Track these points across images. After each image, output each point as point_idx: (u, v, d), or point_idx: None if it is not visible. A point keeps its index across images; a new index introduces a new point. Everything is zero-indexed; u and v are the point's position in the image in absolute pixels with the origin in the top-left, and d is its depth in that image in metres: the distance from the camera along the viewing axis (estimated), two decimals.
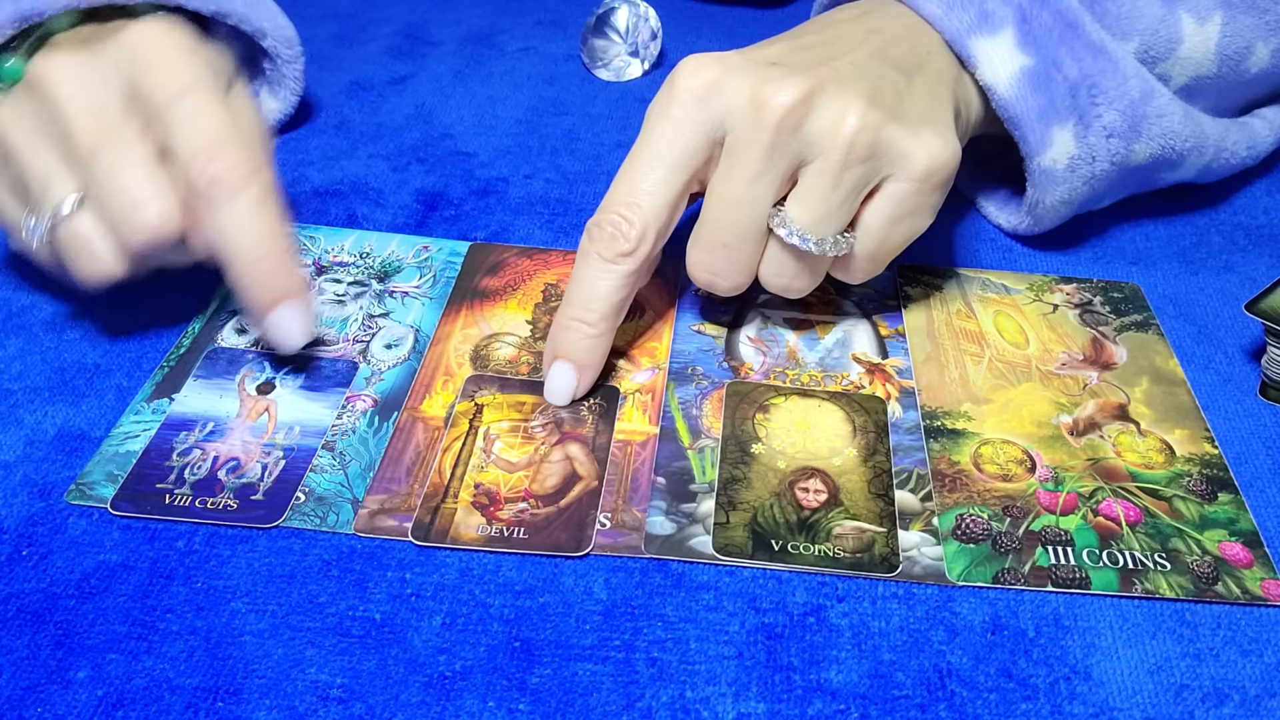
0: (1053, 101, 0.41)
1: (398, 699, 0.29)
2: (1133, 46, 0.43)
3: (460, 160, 0.53)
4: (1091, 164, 0.43)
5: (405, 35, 0.65)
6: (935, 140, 0.36)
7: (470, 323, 0.42)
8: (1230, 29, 0.44)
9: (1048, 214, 0.45)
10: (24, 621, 0.31)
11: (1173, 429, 0.38)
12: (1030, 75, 0.41)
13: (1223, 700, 0.30)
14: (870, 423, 0.38)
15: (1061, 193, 0.43)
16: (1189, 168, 0.46)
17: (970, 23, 0.41)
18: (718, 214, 0.37)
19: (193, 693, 0.29)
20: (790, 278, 0.38)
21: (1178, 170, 0.46)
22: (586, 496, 0.35)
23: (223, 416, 0.37)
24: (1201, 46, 0.44)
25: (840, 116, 0.35)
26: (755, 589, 0.32)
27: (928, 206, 0.37)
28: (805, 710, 0.29)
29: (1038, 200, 0.44)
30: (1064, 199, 0.44)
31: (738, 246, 0.37)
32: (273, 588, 0.32)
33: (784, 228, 0.36)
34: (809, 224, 0.36)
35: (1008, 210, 0.48)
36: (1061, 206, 0.45)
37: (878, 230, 0.37)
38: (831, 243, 0.37)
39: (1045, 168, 0.42)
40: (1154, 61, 0.43)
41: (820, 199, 0.36)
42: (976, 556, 0.33)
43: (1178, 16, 0.43)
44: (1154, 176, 0.46)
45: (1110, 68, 0.41)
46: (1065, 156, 0.42)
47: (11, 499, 0.34)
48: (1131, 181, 0.46)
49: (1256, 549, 0.34)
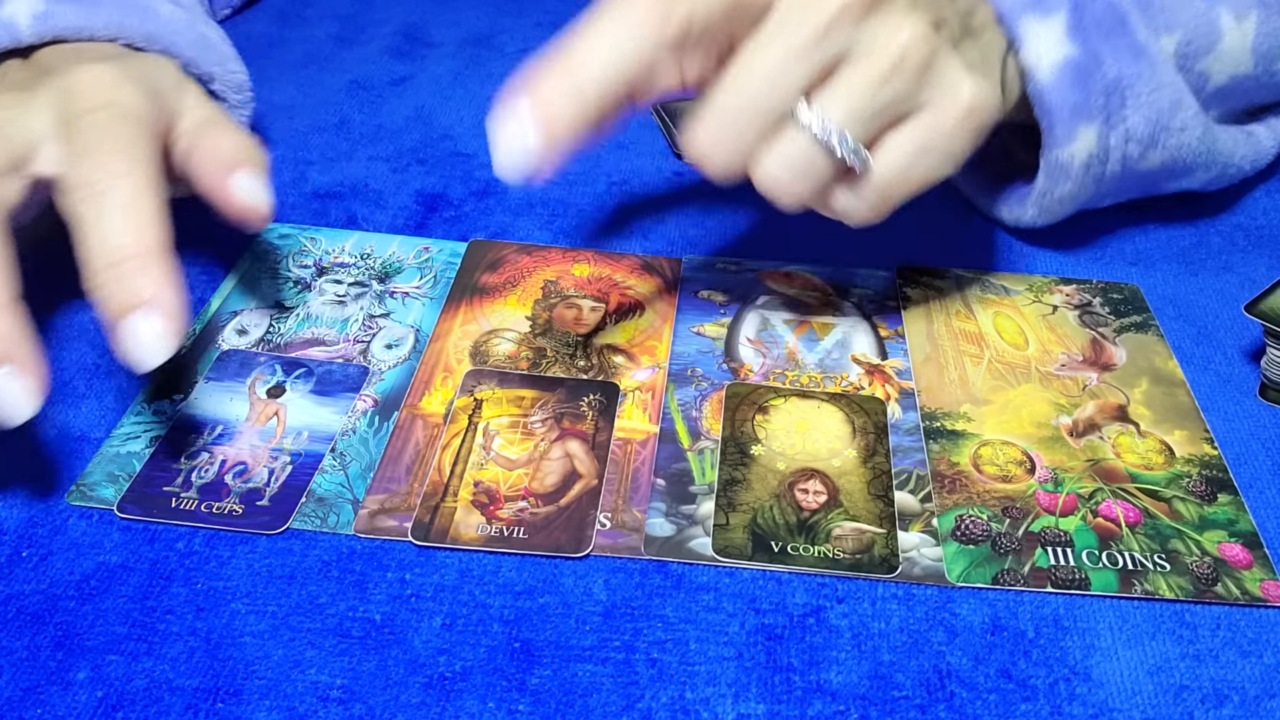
0: (1087, 99, 0.41)
1: (397, 700, 0.29)
2: (1175, 39, 0.42)
3: (460, 161, 0.53)
4: (1104, 165, 0.43)
5: (405, 36, 0.65)
6: (985, 83, 0.35)
7: (470, 319, 0.42)
8: (1265, 28, 0.44)
9: (1053, 208, 0.45)
10: (24, 623, 0.31)
11: (1172, 430, 0.38)
12: (1073, 67, 0.40)
13: (1222, 701, 0.30)
14: (870, 424, 0.38)
15: (1070, 188, 0.43)
16: (1194, 179, 0.46)
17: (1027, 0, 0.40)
18: (743, 84, 0.33)
19: (193, 694, 0.29)
20: (792, 179, 0.34)
21: (1182, 180, 0.46)
22: (586, 496, 0.35)
23: (232, 420, 0.37)
24: (1239, 44, 0.44)
25: (901, 25, 0.33)
26: (755, 590, 0.32)
27: (957, 149, 0.35)
28: (805, 711, 0.29)
29: (1046, 191, 0.44)
30: (1071, 194, 0.44)
31: (751, 124, 0.33)
32: (273, 589, 0.32)
33: (811, 115, 0.33)
34: (839, 118, 0.33)
35: (1010, 202, 0.47)
36: (1068, 201, 0.44)
37: (902, 159, 0.35)
38: (853, 148, 0.34)
39: (1062, 162, 0.42)
40: (1195, 56, 0.43)
41: (858, 94, 0.33)
42: (976, 557, 0.33)
43: (1217, 13, 0.43)
44: (1159, 184, 0.46)
45: (1148, 73, 0.41)
46: (1084, 153, 0.42)
47: (11, 500, 0.34)
48: (1136, 186, 0.46)
49: (1256, 550, 0.34)
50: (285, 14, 0.68)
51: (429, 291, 0.44)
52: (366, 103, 0.57)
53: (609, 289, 0.44)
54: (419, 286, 0.44)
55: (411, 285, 0.44)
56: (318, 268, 0.45)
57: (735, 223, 0.49)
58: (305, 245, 0.46)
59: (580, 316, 0.42)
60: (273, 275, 0.44)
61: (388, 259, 0.45)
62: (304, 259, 0.45)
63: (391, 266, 0.45)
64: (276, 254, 0.45)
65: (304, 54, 0.63)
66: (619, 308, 0.43)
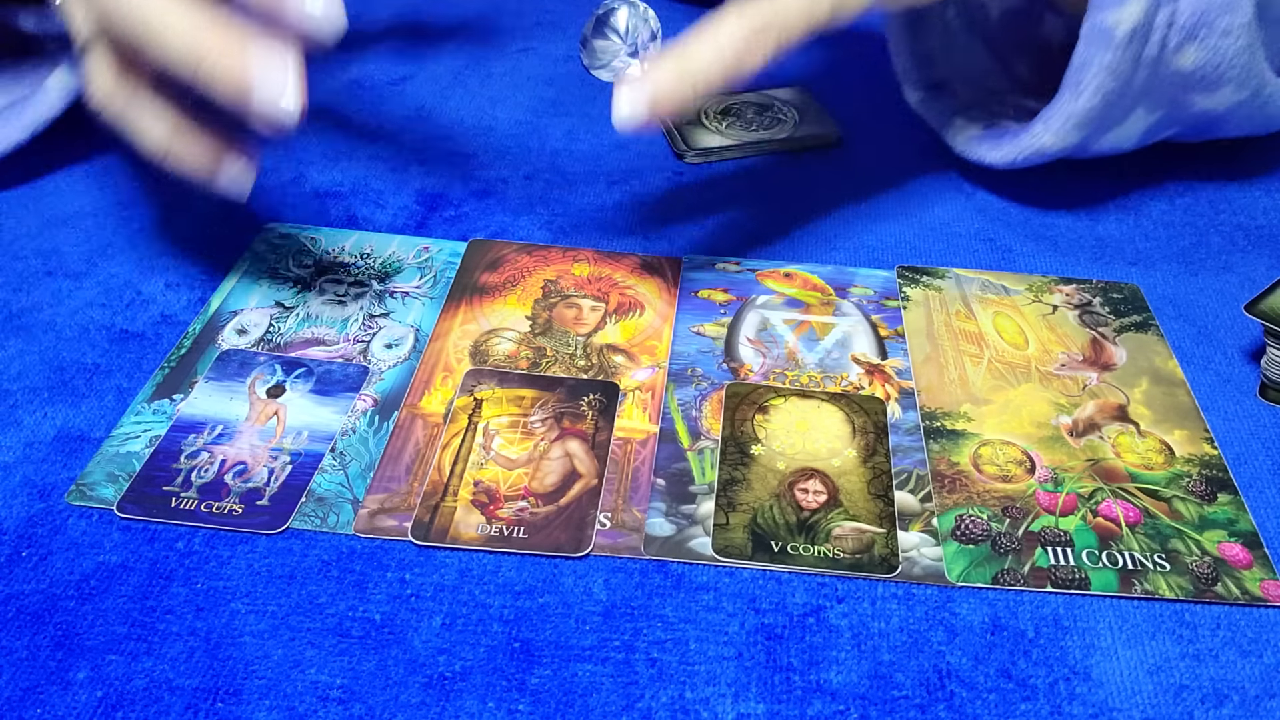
0: None
1: (397, 699, 0.29)
2: None
3: (460, 161, 0.53)
4: (1144, 44, 0.41)
5: (405, 36, 0.65)
6: None
7: (470, 318, 0.42)
8: None
9: (1078, 113, 0.43)
10: (24, 622, 0.31)
11: (1172, 430, 0.38)
12: None
13: (1222, 701, 0.30)
14: (870, 423, 0.38)
15: (1111, 58, 0.41)
16: (1223, 98, 0.44)
17: None
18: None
19: (192, 693, 0.29)
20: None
21: (1211, 96, 0.44)
22: (586, 495, 0.35)
23: (232, 419, 0.37)
24: None
25: None
26: (755, 590, 0.32)
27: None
28: (805, 711, 0.29)
29: (1082, 66, 0.42)
30: (1108, 68, 0.41)
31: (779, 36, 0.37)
32: (272, 588, 0.32)
33: None
34: None
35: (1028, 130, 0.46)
36: (1096, 94, 0.42)
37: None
38: None
39: (1107, 27, 0.41)
40: None
41: None
42: (976, 557, 0.33)
43: None
44: (1185, 91, 0.44)
45: None
46: (1130, 22, 0.40)
47: (11, 500, 0.34)
48: (1162, 88, 0.44)
49: (1256, 550, 0.34)
50: None
51: (429, 291, 0.44)
52: (366, 103, 0.57)
53: (609, 289, 0.44)
54: (419, 286, 0.44)
55: (411, 285, 0.44)
56: (318, 267, 0.45)
57: (735, 223, 0.49)
58: (305, 245, 0.46)
59: (580, 316, 0.42)
60: (273, 275, 0.44)
61: (388, 259, 0.45)
62: (304, 259, 0.45)
63: (391, 266, 0.45)
64: (276, 254, 0.45)
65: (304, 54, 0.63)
66: (619, 308, 0.43)
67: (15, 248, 0.45)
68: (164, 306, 0.42)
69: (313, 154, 0.53)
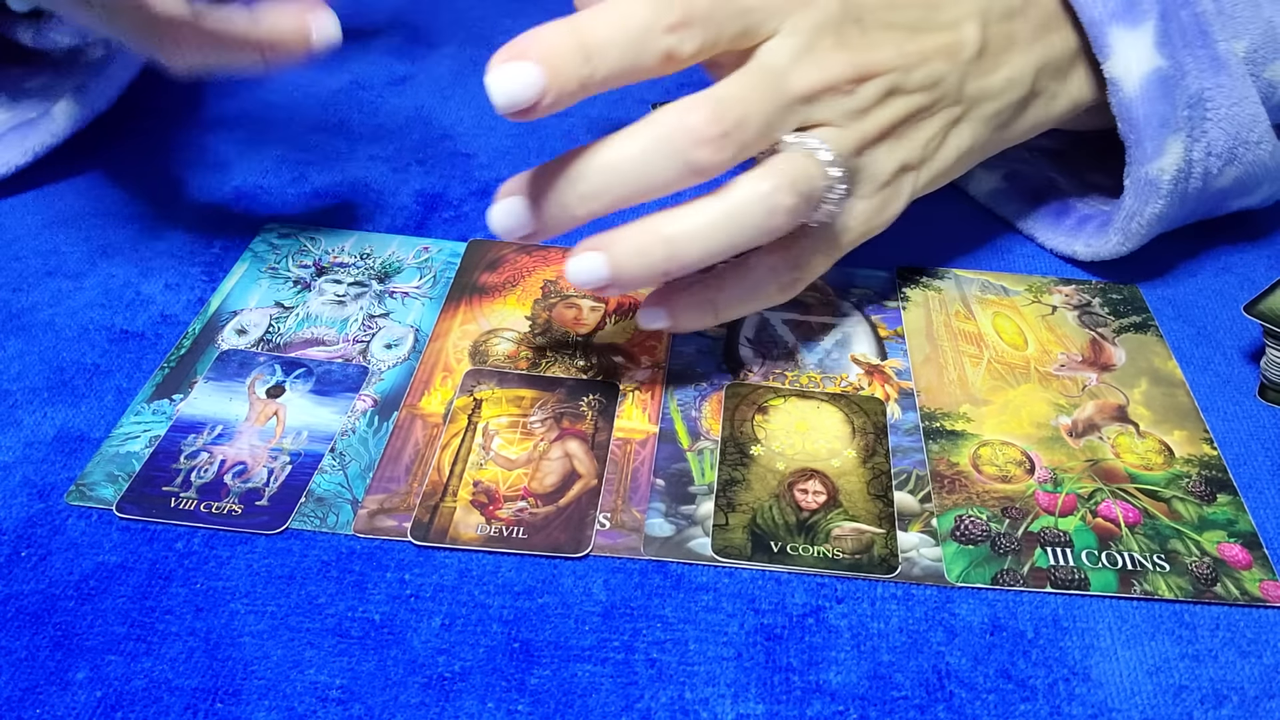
0: (1174, 111, 0.40)
1: (397, 700, 0.29)
2: (1243, 46, 0.41)
3: (460, 161, 0.53)
4: (1188, 180, 0.41)
5: (405, 36, 0.65)
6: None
7: (469, 318, 0.42)
8: None
9: (1139, 231, 0.43)
10: (23, 623, 0.31)
11: (1172, 430, 0.38)
12: (1161, 79, 0.39)
13: (1221, 701, 0.30)
14: (869, 424, 0.38)
15: (1160, 207, 0.42)
16: (1259, 194, 0.45)
17: (1115, 9, 0.39)
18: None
19: (192, 694, 0.29)
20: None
21: (1247, 197, 0.45)
22: (586, 496, 0.35)
23: (231, 419, 0.37)
24: None
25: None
26: (754, 590, 0.32)
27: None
28: (804, 711, 0.29)
29: (1135, 213, 0.42)
30: (1159, 214, 0.42)
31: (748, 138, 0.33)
32: (272, 589, 0.32)
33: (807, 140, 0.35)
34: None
35: (1085, 235, 0.46)
36: (1155, 223, 0.43)
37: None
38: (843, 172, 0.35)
39: (1151, 178, 0.41)
40: (1263, 63, 0.42)
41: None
42: (975, 558, 0.33)
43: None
44: (1227, 202, 0.45)
45: (1228, 85, 0.40)
46: (1172, 168, 0.41)
47: (10, 500, 0.34)
48: (1207, 205, 0.44)
49: (1255, 550, 0.34)
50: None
51: (428, 291, 0.44)
52: (366, 103, 0.57)
53: None
54: (418, 286, 0.44)
55: (411, 285, 0.44)
56: (317, 268, 0.45)
57: None
58: (305, 245, 0.46)
59: (580, 316, 0.42)
60: (273, 275, 0.44)
61: (387, 259, 0.45)
62: (304, 259, 0.45)
63: (391, 266, 0.45)
64: (276, 254, 0.45)
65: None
66: (619, 308, 0.43)
67: (15, 248, 0.45)
68: (164, 306, 0.42)
69: (313, 154, 0.53)
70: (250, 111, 0.57)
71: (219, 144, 0.53)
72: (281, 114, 0.56)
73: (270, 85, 0.59)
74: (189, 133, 0.54)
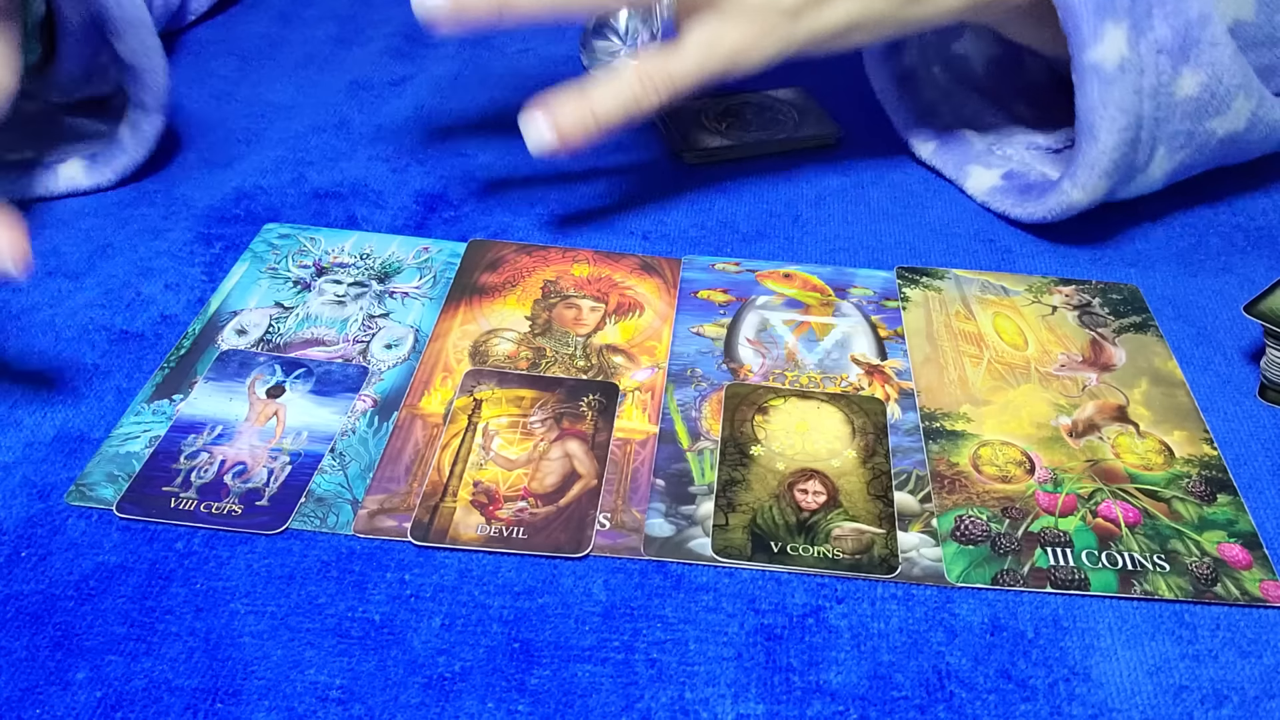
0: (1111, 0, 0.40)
1: (397, 700, 0.29)
2: None
3: (460, 161, 0.53)
4: (1140, 75, 0.41)
5: (404, 36, 0.65)
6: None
7: (469, 319, 0.42)
8: None
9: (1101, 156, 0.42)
10: (23, 623, 0.31)
11: (1172, 430, 0.38)
12: None
13: (1221, 702, 0.30)
14: (869, 424, 0.38)
15: (1110, 98, 0.41)
16: (1238, 112, 0.44)
17: None
18: None
19: (192, 694, 0.29)
20: None
21: (1226, 115, 0.44)
22: (586, 496, 0.35)
23: (231, 420, 0.37)
24: None
25: None
26: (754, 590, 0.32)
27: None
28: (804, 711, 0.29)
29: (1088, 108, 0.42)
30: (1112, 121, 0.42)
31: None
32: (272, 589, 0.32)
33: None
34: None
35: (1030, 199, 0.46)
36: (1111, 134, 0.42)
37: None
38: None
39: (1095, 63, 0.41)
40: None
41: None
42: (975, 558, 0.33)
43: None
44: (1202, 125, 0.44)
45: None
46: (1116, 55, 0.41)
47: (10, 500, 0.34)
48: (1178, 130, 0.44)
49: (1255, 550, 0.34)
50: (285, 14, 0.68)
51: (428, 291, 0.44)
52: (366, 103, 0.57)
53: (609, 289, 0.44)
54: (418, 286, 0.44)
55: (411, 285, 0.44)
56: (317, 268, 0.45)
57: (735, 223, 0.49)
58: (305, 245, 0.46)
59: (580, 316, 0.42)
60: (273, 275, 0.44)
61: (387, 259, 0.45)
62: (304, 259, 0.45)
63: (391, 266, 0.45)
64: (276, 254, 0.45)
65: (304, 54, 0.63)
66: (618, 308, 0.43)
67: None
68: (164, 306, 0.42)
69: (313, 154, 0.53)
70: (250, 111, 0.57)
71: (219, 144, 0.53)
72: (281, 114, 0.56)
73: (270, 85, 0.59)
74: (189, 132, 0.54)
